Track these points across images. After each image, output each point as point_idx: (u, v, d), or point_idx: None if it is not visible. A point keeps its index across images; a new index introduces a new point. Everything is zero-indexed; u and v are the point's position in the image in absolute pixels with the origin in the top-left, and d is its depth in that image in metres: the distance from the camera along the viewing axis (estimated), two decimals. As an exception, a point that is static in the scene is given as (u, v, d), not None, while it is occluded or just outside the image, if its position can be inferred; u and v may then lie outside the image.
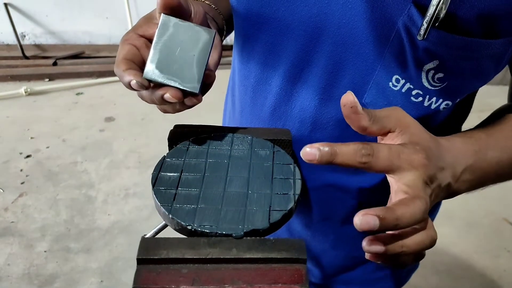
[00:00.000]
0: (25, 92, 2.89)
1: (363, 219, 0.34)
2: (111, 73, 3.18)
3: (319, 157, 0.36)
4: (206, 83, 0.46)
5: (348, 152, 0.36)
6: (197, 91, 0.44)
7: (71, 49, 3.41)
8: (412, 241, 0.37)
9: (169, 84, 0.44)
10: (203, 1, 0.54)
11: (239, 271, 0.38)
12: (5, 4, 3.19)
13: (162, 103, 0.45)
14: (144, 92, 0.45)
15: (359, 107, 0.39)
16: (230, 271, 0.38)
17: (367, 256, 0.40)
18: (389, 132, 0.41)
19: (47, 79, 3.14)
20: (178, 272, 0.38)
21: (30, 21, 3.32)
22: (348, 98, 0.39)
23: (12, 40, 3.31)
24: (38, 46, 3.41)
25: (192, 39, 0.44)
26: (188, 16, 0.46)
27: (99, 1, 3.30)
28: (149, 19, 0.47)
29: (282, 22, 0.51)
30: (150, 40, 0.46)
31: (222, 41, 0.54)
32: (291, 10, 0.49)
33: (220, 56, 0.50)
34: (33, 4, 3.26)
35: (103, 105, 2.87)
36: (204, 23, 0.48)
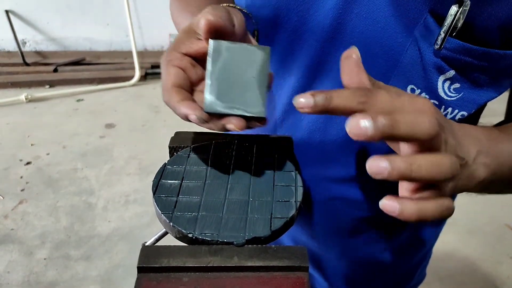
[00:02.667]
0: (26, 98, 2.89)
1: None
2: (112, 80, 3.19)
3: (314, 103, 0.32)
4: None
5: (344, 94, 0.32)
6: (264, 115, 0.41)
7: (71, 56, 3.42)
8: (425, 160, 0.32)
9: (234, 113, 0.41)
10: (234, 6, 0.51)
11: (241, 280, 0.38)
12: (6, 11, 3.20)
13: (223, 131, 0.42)
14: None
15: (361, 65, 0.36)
16: (231, 280, 0.37)
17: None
18: None
19: (47, 86, 3.15)
20: (179, 280, 0.37)
21: (31, 28, 3.34)
22: (354, 50, 0.35)
23: (13, 46, 3.32)
24: (38, 53, 3.42)
25: (247, 60, 0.41)
26: (232, 29, 0.42)
27: (100, 8, 3.31)
28: (189, 33, 0.43)
29: (294, 32, 0.50)
30: (194, 57, 0.44)
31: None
32: (304, 20, 0.49)
33: None
34: (34, 11, 3.28)
35: (104, 111, 2.87)
36: (245, 32, 0.46)
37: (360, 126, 0.29)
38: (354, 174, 0.57)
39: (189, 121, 0.40)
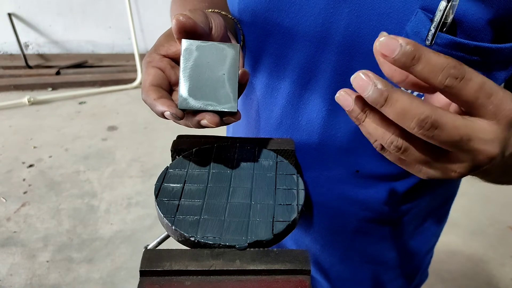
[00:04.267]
0: (28, 101, 2.90)
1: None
2: (114, 82, 3.20)
3: (398, 54, 0.29)
4: (241, 83, 0.45)
5: (435, 63, 0.28)
6: (235, 110, 0.43)
7: (74, 59, 3.43)
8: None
9: (206, 109, 0.42)
10: (219, 11, 0.53)
11: (243, 283, 0.38)
12: (9, 14, 3.22)
13: (199, 127, 0.43)
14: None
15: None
16: (233, 283, 0.37)
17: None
18: None
19: (50, 89, 3.16)
20: (181, 284, 0.37)
21: (33, 31, 3.35)
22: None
23: (15, 49, 3.34)
24: (41, 56, 3.43)
25: (218, 58, 0.43)
26: (208, 32, 0.44)
27: (102, 11, 3.32)
28: (169, 36, 0.46)
29: (287, 33, 0.51)
30: (173, 59, 0.45)
31: (242, 51, 0.53)
32: (296, 21, 0.49)
33: (243, 66, 0.50)
34: (37, 14, 3.29)
35: (106, 114, 2.88)
36: (225, 35, 0.47)
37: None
38: (355, 174, 0.57)
39: (166, 118, 0.41)
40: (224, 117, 0.43)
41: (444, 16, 0.40)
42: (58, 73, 3.27)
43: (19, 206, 2.06)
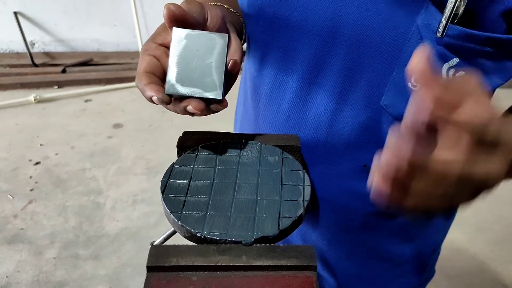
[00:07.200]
0: (35, 99, 2.91)
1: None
2: (119, 80, 3.21)
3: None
4: (232, 73, 0.46)
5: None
6: (220, 97, 0.44)
7: (79, 57, 3.44)
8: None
9: (192, 95, 0.44)
10: (221, 5, 0.53)
11: (249, 279, 0.38)
12: (15, 13, 3.23)
13: (186, 114, 0.45)
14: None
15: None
16: (240, 279, 0.38)
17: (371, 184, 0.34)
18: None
19: (56, 87, 3.17)
20: (188, 279, 0.37)
21: (39, 29, 3.36)
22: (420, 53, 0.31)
23: (21, 48, 3.35)
24: (47, 54, 3.45)
25: (206, 46, 0.44)
26: (202, 22, 0.45)
27: (107, 9, 3.33)
28: (166, 26, 0.47)
29: (296, 27, 0.51)
30: (169, 48, 0.46)
31: (242, 44, 0.53)
32: (305, 14, 0.49)
33: (242, 58, 0.50)
34: (42, 13, 3.30)
35: (111, 112, 2.88)
36: (221, 27, 0.48)
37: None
38: (363, 168, 0.57)
39: (154, 103, 0.42)
40: (211, 105, 0.45)
41: (455, 8, 0.40)
42: (63, 71, 3.28)
43: (25, 203, 2.08)
